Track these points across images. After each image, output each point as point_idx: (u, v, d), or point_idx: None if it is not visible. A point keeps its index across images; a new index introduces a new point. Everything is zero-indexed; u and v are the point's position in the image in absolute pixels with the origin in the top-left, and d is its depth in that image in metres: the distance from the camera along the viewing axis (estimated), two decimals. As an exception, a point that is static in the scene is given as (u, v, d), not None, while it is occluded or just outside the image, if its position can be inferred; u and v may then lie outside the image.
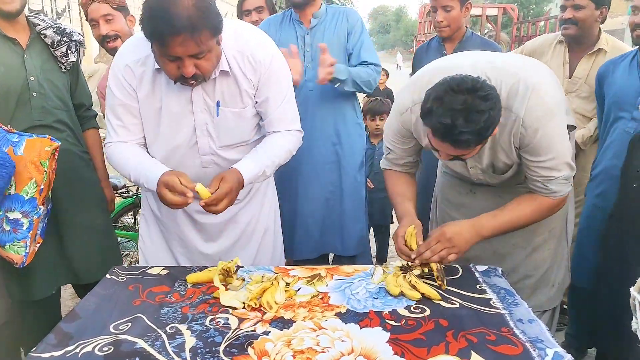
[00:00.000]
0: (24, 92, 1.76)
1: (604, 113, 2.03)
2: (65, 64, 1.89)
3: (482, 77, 1.35)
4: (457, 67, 1.43)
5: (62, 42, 1.86)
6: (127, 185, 3.02)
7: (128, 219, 3.26)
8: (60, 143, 1.67)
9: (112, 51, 2.07)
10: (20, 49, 1.78)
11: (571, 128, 1.62)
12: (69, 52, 1.89)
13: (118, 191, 2.96)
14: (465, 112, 1.23)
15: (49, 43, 1.84)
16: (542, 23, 9.14)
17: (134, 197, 3.05)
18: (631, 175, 1.72)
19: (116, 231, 3.05)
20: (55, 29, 1.86)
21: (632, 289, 1.06)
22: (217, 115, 1.51)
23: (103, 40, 2.12)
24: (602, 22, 2.24)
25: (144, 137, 1.58)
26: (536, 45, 2.43)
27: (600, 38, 2.26)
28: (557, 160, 1.42)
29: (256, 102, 1.54)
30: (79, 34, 1.96)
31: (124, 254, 3.21)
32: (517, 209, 1.48)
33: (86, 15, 2.15)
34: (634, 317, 1.12)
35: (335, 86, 2.11)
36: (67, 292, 2.78)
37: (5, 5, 1.68)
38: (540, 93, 1.38)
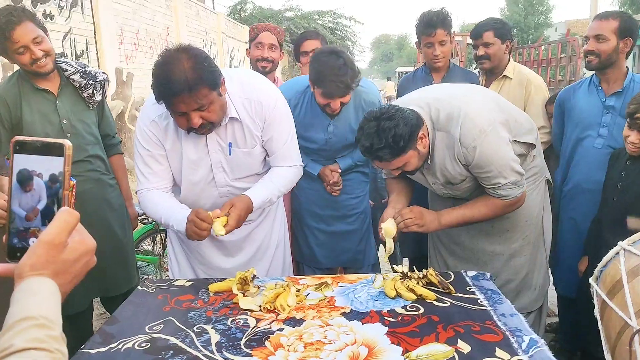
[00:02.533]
0: (59, 135, 1.98)
1: (567, 133, 2.26)
2: (92, 103, 2.12)
3: (424, 107, 1.66)
4: (406, 101, 1.75)
5: (89, 85, 2.09)
6: (146, 213, 3.22)
7: (147, 245, 3.46)
8: (75, 181, 1.85)
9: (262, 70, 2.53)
10: (53, 96, 2.01)
11: (532, 146, 1.82)
12: (94, 92, 2.11)
13: (138, 218, 3.17)
14: (376, 134, 1.57)
15: (77, 86, 2.07)
16: (544, 47, 9.31)
17: (153, 223, 3.25)
18: (610, 189, 1.90)
19: (136, 256, 3.26)
20: (82, 74, 2.08)
21: (590, 279, 1.24)
22: (230, 155, 1.73)
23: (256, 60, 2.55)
24: (510, 52, 2.60)
25: (172, 178, 1.78)
26: None
27: (508, 67, 2.58)
28: (499, 170, 1.65)
29: (263, 141, 1.76)
30: (103, 73, 2.20)
31: (144, 278, 3.39)
32: (472, 207, 1.74)
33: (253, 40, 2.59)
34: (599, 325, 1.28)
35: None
36: (94, 313, 2.95)
37: (41, 69, 1.94)
38: (471, 116, 1.63)
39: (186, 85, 1.44)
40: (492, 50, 2.52)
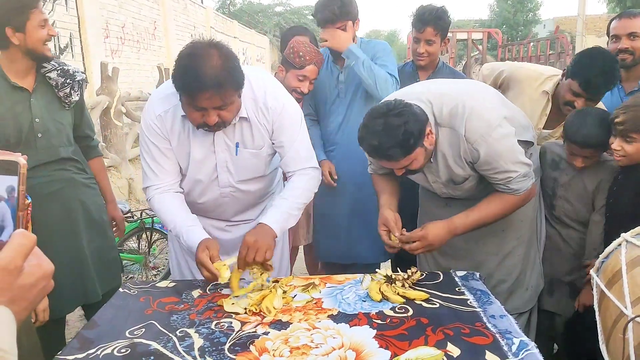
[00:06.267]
0: (29, 134, 1.89)
1: None
2: (68, 103, 2.02)
3: (426, 103, 1.58)
4: (406, 94, 1.66)
5: (66, 84, 1.99)
6: (131, 210, 3.16)
7: (132, 243, 3.40)
8: (30, 200, 1.67)
9: None
10: (27, 93, 1.91)
11: (529, 144, 1.79)
12: (72, 92, 2.01)
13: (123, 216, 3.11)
14: (385, 131, 1.48)
15: (53, 84, 1.97)
16: (533, 44, 9.35)
17: (139, 221, 3.19)
18: (607, 202, 1.87)
19: (121, 254, 3.20)
20: (59, 71, 1.98)
21: (591, 271, 1.22)
22: (236, 155, 1.69)
23: None
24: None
25: (179, 172, 1.72)
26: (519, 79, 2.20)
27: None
28: (508, 164, 1.60)
29: (273, 143, 1.71)
30: (82, 72, 2.11)
31: (129, 277, 3.34)
32: (486, 207, 1.66)
33: None
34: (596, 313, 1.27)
35: (351, 64, 2.26)
36: (75, 314, 2.89)
37: (48, 52, 1.90)
38: (477, 111, 1.58)
39: (216, 82, 1.39)
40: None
